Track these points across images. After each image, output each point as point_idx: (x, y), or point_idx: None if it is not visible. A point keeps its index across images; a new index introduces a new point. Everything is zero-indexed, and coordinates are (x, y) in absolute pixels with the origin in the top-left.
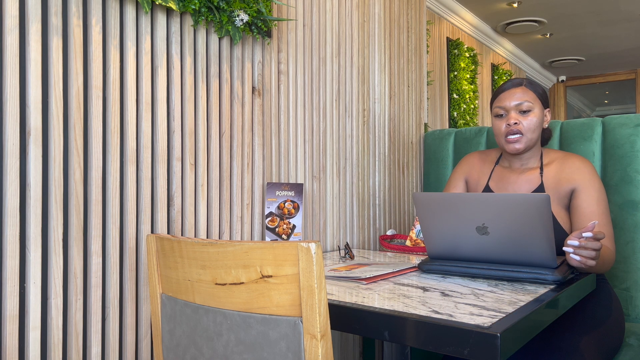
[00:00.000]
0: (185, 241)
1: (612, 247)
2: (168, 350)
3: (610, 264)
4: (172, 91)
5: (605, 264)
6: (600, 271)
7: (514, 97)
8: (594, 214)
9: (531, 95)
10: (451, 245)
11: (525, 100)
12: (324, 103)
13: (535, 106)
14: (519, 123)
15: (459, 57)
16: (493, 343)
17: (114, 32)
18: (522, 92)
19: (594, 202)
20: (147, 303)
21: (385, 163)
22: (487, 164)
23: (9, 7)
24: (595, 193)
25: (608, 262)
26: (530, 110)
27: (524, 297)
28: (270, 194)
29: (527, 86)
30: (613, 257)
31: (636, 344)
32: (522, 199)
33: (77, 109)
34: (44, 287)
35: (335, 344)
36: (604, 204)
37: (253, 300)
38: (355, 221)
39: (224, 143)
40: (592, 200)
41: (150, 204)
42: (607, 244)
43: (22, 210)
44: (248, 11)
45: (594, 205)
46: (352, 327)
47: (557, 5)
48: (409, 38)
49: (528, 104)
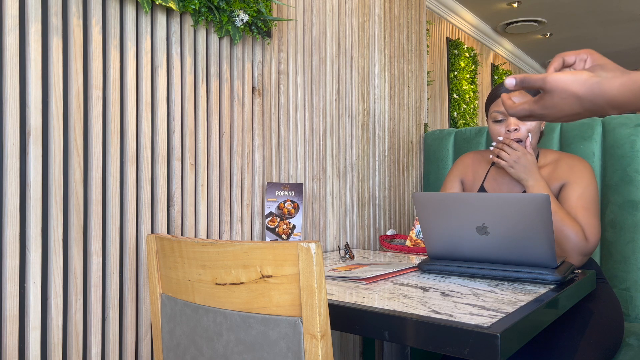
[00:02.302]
0: (185, 241)
1: (592, 237)
2: (168, 350)
3: (578, 250)
4: (172, 91)
5: (571, 245)
6: (561, 248)
7: None
8: (570, 208)
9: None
10: (451, 245)
11: None
12: (324, 103)
13: None
14: (519, 129)
15: (459, 57)
16: (493, 343)
17: (114, 32)
18: None
19: (575, 196)
20: (147, 303)
21: (385, 163)
22: (483, 165)
23: (9, 7)
24: (580, 189)
25: (575, 246)
26: None
27: (524, 297)
28: (270, 194)
29: None
30: (581, 242)
31: (636, 343)
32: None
33: (77, 109)
34: (44, 287)
35: (335, 344)
36: (585, 199)
37: (253, 300)
38: (355, 221)
39: (224, 143)
40: (574, 195)
41: (150, 204)
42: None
43: (22, 210)
44: (248, 11)
45: (573, 199)
46: (352, 327)
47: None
48: (409, 38)
49: None
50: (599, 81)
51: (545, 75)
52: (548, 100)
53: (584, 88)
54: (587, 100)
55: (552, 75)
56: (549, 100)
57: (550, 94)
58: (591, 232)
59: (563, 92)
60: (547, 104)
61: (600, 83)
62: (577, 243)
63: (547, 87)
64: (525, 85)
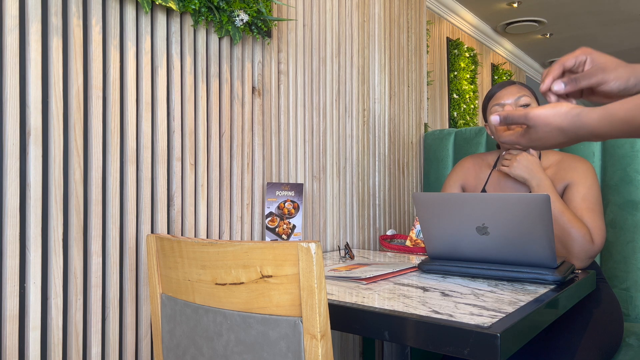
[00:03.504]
0: (185, 241)
1: (598, 239)
2: (168, 350)
3: (585, 252)
4: (172, 91)
5: (578, 247)
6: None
7: (512, 93)
8: (575, 209)
9: (526, 91)
10: (451, 245)
11: (523, 94)
12: (324, 103)
13: (533, 102)
14: None
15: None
16: (493, 343)
17: (114, 32)
18: (518, 88)
19: (580, 198)
20: (147, 303)
21: (385, 163)
22: (484, 169)
23: (9, 7)
24: (584, 189)
25: (582, 248)
26: (528, 104)
27: (524, 297)
28: (270, 194)
29: (520, 84)
30: (588, 244)
31: (636, 343)
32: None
33: (77, 109)
34: (44, 287)
35: (335, 344)
36: (590, 200)
37: (253, 300)
38: (355, 221)
39: (224, 143)
40: (578, 196)
41: (150, 204)
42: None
43: (22, 210)
44: (248, 11)
45: (577, 201)
46: (352, 327)
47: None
48: (409, 38)
49: (526, 97)
50: (579, 113)
51: (527, 111)
52: (533, 134)
53: (565, 121)
54: (571, 131)
55: (533, 111)
56: (534, 134)
57: (534, 128)
58: (597, 234)
59: (546, 126)
60: (533, 137)
61: (579, 115)
62: (584, 245)
63: (530, 123)
64: (509, 121)
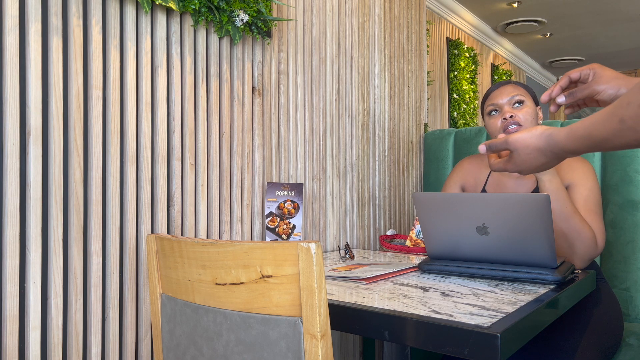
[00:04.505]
0: (185, 241)
1: (601, 242)
2: (168, 350)
3: (589, 254)
4: (172, 91)
5: (584, 249)
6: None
7: (505, 92)
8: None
9: (522, 90)
10: (451, 245)
11: (517, 93)
12: (324, 103)
13: (528, 100)
14: (515, 115)
15: (459, 57)
16: (493, 343)
17: (114, 32)
18: (513, 87)
19: (581, 199)
20: (147, 303)
21: (385, 163)
22: (484, 169)
23: (9, 7)
24: (585, 191)
25: (587, 250)
26: (523, 102)
27: (524, 297)
28: (270, 194)
29: (515, 83)
30: (594, 246)
31: (636, 343)
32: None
33: (77, 109)
34: (44, 287)
35: (335, 344)
36: (592, 202)
37: (253, 300)
38: (355, 221)
39: (224, 143)
40: (580, 197)
41: (150, 204)
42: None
43: (22, 210)
44: (248, 11)
45: (580, 202)
46: (352, 327)
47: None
48: (409, 38)
49: (520, 97)
50: (550, 133)
51: (507, 137)
52: (516, 157)
53: (540, 141)
54: (547, 150)
55: (512, 136)
56: (517, 158)
57: (516, 152)
58: (600, 236)
59: (525, 149)
60: (517, 161)
61: (551, 135)
62: (590, 247)
63: (511, 147)
64: (493, 149)
